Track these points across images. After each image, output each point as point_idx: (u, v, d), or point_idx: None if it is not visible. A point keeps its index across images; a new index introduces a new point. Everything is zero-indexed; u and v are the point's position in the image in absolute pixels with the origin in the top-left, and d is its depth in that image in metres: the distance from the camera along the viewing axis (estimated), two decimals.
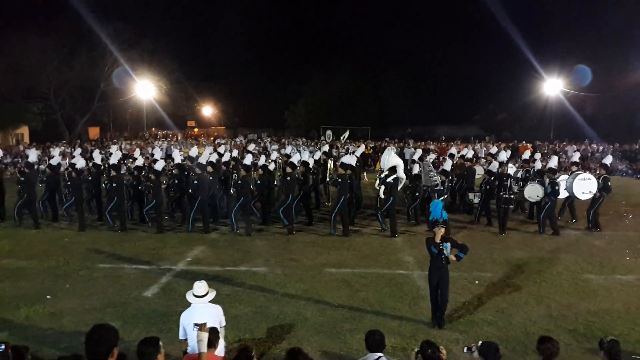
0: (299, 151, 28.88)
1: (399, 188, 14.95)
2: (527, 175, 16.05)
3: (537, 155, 18.48)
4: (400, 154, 31.95)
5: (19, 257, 11.62)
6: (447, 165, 14.73)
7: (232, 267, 10.91)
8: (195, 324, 5.19)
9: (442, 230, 7.77)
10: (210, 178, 14.66)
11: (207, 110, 64.54)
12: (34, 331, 7.67)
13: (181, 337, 5.76)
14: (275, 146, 31.45)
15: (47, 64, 39.62)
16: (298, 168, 15.16)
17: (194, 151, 18.81)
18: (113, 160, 16.22)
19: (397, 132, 51.53)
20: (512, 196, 14.20)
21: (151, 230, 14.28)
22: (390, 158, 15.14)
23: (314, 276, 10.33)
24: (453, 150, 22.64)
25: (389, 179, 14.03)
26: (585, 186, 14.55)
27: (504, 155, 17.12)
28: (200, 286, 5.84)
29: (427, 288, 8.48)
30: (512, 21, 41.64)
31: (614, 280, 10.22)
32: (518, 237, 13.72)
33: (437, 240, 7.72)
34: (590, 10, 43.81)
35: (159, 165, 15.09)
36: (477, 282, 9.99)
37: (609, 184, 14.67)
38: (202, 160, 15.66)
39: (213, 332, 5.09)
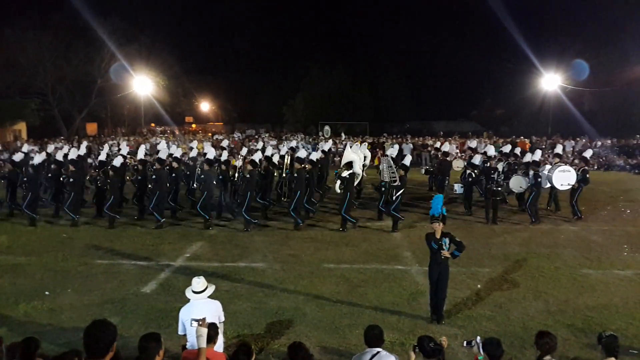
0: (298, 147, 28.86)
1: (356, 184, 15.18)
2: (509, 168, 16.55)
3: (517, 150, 19.26)
4: (399, 149, 31.91)
5: (17, 253, 11.62)
6: (407, 160, 14.95)
7: (231, 263, 10.92)
8: (194, 320, 5.19)
9: (441, 225, 7.78)
10: (174, 174, 15.09)
11: (205, 106, 64.45)
12: (33, 327, 7.67)
13: (180, 332, 5.76)
14: (274, 142, 31.41)
15: (44, 60, 39.58)
16: (261, 164, 15.23)
17: (161, 145, 19.01)
18: (72, 155, 16.25)
19: (395, 127, 51.49)
20: (499, 188, 14.77)
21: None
22: (345, 154, 15.28)
23: (312, 272, 10.35)
24: (437, 144, 23.93)
25: (345, 175, 14.14)
26: (564, 178, 15.12)
27: (492, 150, 17.86)
28: (199, 282, 5.83)
29: (425, 283, 8.51)
30: (509, 16, 41.61)
31: (612, 275, 10.25)
32: (516, 232, 13.75)
33: (437, 235, 7.74)
34: (587, 5, 43.83)
35: (117, 162, 15.09)
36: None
37: (588, 176, 15.50)
38: (162, 155, 15.72)
39: (212, 328, 5.09)
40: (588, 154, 17.80)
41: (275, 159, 16.64)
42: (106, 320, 3.99)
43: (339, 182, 14.42)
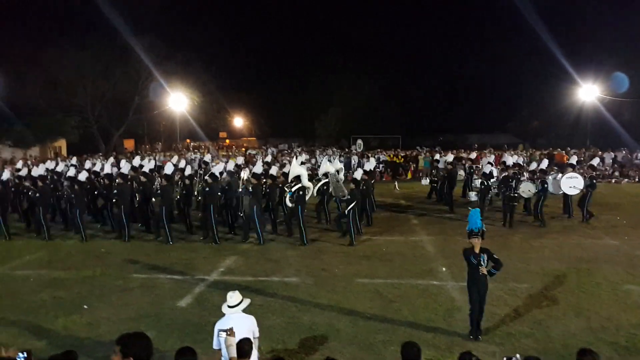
0: (330, 161, 28.90)
1: (308, 197, 15.19)
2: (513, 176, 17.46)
3: (520, 160, 21.45)
4: (433, 162, 31.74)
5: (57, 268, 11.89)
6: (358, 174, 15.12)
7: (264, 278, 10.95)
8: (222, 330, 5.22)
9: (480, 240, 7.64)
10: (141, 187, 15.56)
11: (239, 122, 65.22)
12: (72, 340, 7.82)
13: (215, 347, 5.77)
14: (306, 156, 31.48)
15: (84, 78, 40.78)
16: (222, 178, 15.51)
17: (136, 161, 19.44)
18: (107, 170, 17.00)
19: (429, 140, 51.05)
20: (515, 194, 15.95)
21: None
22: (292, 168, 15.29)
23: (345, 286, 10.28)
24: (436, 157, 26.15)
25: (294, 189, 14.20)
26: (572, 183, 16.44)
27: (511, 159, 19.45)
28: (232, 296, 5.89)
29: (461, 299, 8.37)
30: (545, 26, 41.04)
31: None
32: (555, 247, 13.40)
33: (477, 250, 7.59)
34: (625, 15, 42.91)
35: (82, 176, 15.68)
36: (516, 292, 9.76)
37: (595, 182, 16.97)
38: (124, 170, 16.17)
39: (247, 342, 5.10)
40: (595, 162, 19.66)
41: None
42: (143, 332, 4.05)
43: (288, 196, 14.50)
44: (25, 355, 4.15)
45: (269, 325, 8.17)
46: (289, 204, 14.55)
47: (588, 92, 40.82)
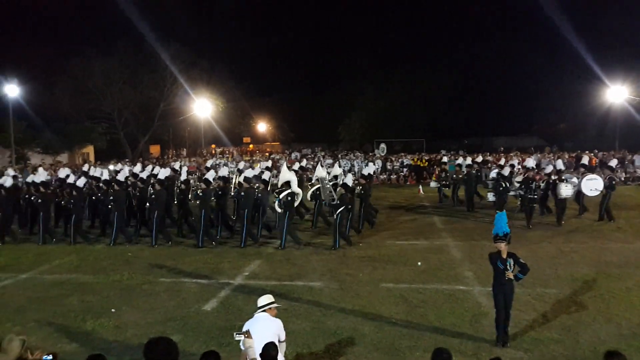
0: (353, 165, 28.88)
1: (297, 204, 15.24)
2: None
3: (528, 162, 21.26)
4: (459, 166, 31.51)
5: (86, 272, 12.09)
6: (348, 179, 15.09)
7: (289, 282, 10.96)
8: (238, 333, 5.27)
9: (506, 244, 7.53)
10: (138, 193, 15.78)
11: (262, 127, 65.62)
12: (100, 344, 7.93)
13: (242, 347, 5.80)
14: (330, 161, 31.53)
15: (110, 86, 41.57)
16: (214, 184, 15.49)
17: (137, 168, 19.65)
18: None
19: (454, 144, 50.61)
20: (535, 196, 16.10)
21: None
22: (283, 173, 15.19)
23: (370, 291, 10.24)
24: (445, 159, 27.13)
25: (282, 195, 14.16)
26: (592, 185, 16.69)
27: (532, 162, 19.80)
28: (261, 298, 5.97)
29: (488, 305, 8.26)
30: (571, 27, 40.44)
31: None
32: (584, 252, 13.14)
33: (504, 255, 7.49)
34: None
35: (80, 182, 15.83)
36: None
37: (614, 182, 17.15)
38: (120, 177, 16.31)
39: (273, 348, 5.12)
40: (613, 163, 19.57)
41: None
42: (168, 337, 4.10)
43: (277, 202, 14.44)
44: (51, 357, 4.22)
45: (294, 330, 8.17)
46: (278, 210, 14.58)
47: (617, 94, 40.01)
